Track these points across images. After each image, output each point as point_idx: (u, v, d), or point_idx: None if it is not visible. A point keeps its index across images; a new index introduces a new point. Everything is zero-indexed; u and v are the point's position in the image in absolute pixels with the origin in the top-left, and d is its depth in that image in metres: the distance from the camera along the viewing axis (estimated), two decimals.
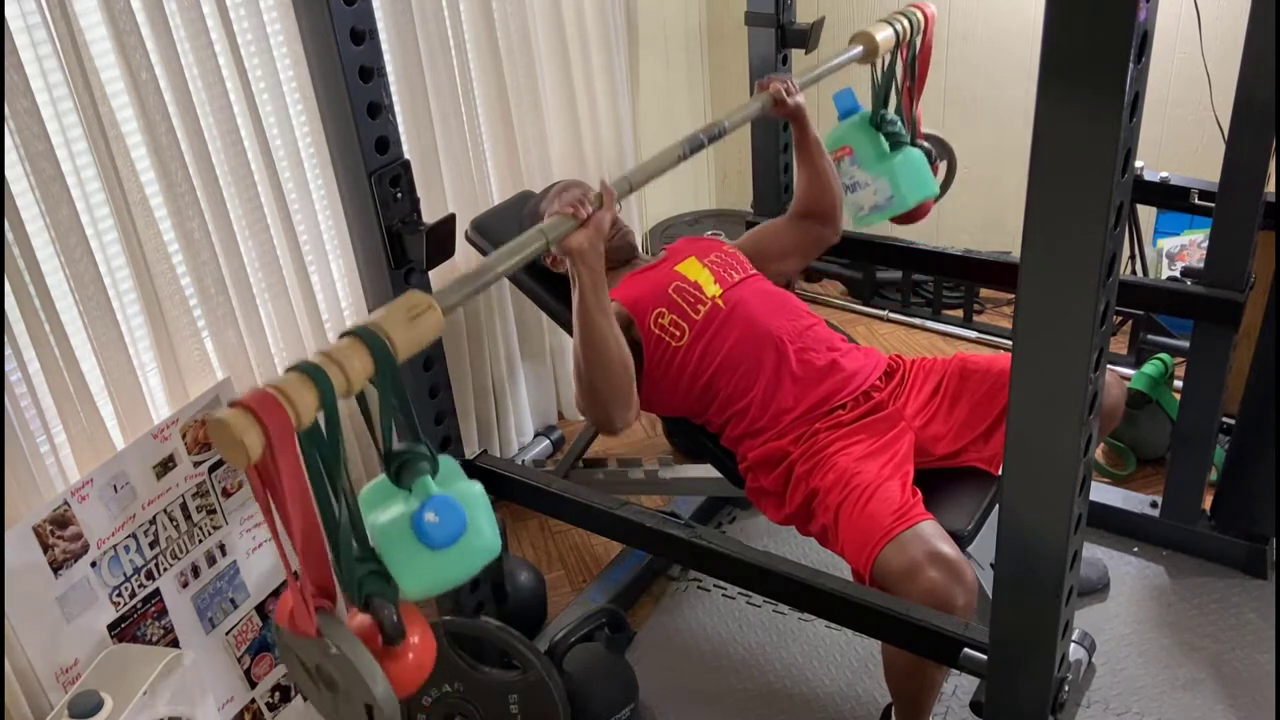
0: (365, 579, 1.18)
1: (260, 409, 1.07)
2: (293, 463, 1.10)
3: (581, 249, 1.65)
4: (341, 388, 1.15)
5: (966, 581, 1.57)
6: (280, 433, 1.07)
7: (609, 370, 1.76)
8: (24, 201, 1.66)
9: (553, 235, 1.57)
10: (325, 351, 1.16)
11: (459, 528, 1.20)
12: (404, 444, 1.25)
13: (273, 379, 1.11)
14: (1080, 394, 1.06)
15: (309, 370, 1.12)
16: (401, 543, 1.19)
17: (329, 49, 1.44)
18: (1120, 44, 0.90)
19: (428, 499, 1.20)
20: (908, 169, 2.17)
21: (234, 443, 1.05)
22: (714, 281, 1.99)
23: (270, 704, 2.05)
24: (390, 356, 1.19)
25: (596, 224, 1.64)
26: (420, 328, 1.23)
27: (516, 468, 2.36)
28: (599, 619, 2.11)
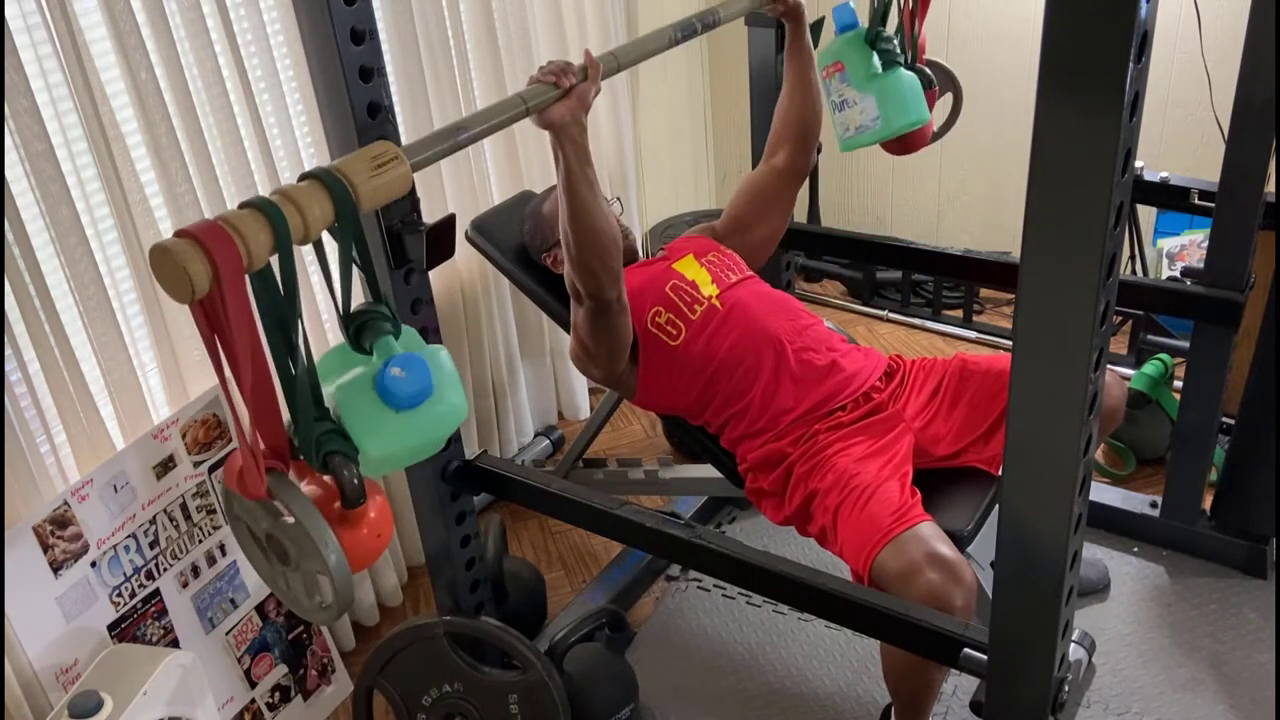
0: (324, 437, 1.10)
1: (208, 240, 0.98)
2: (241, 302, 1.01)
3: (564, 121, 1.56)
4: (298, 231, 1.06)
5: (965, 582, 1.57)
6: (229, 268, 0.99)
7: (599, 243, 1.71)
8: (24, 201, 1.66)
9: (532, 103, 1.48)
10: (282, 190, 1.07)
11: (425, 384, 1.13)
12: (363, 304, 1.18)
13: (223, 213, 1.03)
14: (1080, 394, 1.06)
15: (263, 206, 1.04)
16: (363, 403, 1.12)
17: (329, 49, 1.44)
18: (1120, 44, 0.90)
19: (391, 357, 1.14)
20: (896, 90, 2.09)
21: (177, 272, 0.97)
22: (711, 281, 1.99)
23: (270, 704, 2.06)
24: (353, 203, 1.11)
25: (579, 95, 1.55)
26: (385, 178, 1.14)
27: (516, 468, 2.36)
28: (599, 619, 2.11)
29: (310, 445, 1.10)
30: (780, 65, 2.38)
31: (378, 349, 1.16)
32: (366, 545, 1.13)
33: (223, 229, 1.00)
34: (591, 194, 1.67)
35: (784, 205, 2.19)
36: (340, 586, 1.08)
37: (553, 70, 1.54)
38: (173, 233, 1.00)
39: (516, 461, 2.81)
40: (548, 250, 2.16)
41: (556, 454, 2.92)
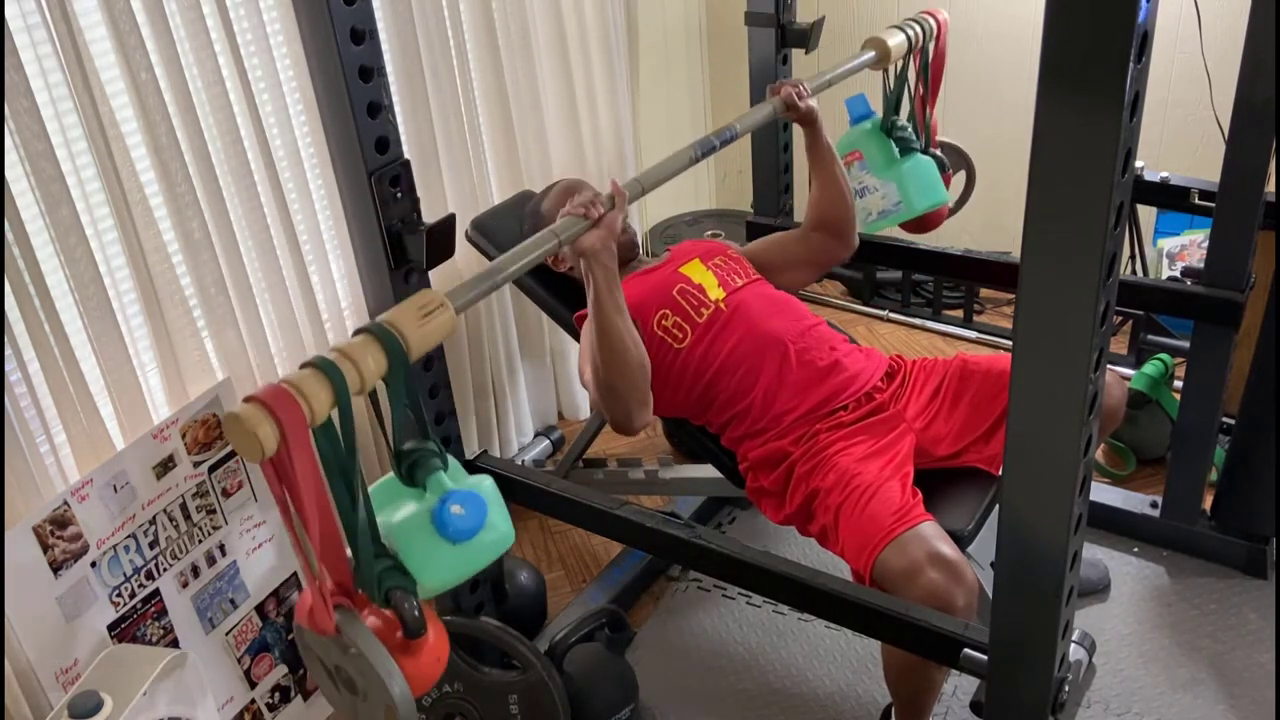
0: (385, 573, 1.18)
1: (274, 404, 1.07)
2: (308, 458, 1.09)
3: (595, 249, 1.65)
4: (355, 385, 1.15)
5: (967, 582, 1.57)
6: (295, 428, 1.07)
7: (627, 369, 1.75)
8: (24, 201, 1.66)
9: (565, 236, 1.57)
10: (339, 348, 1.16)
11: (481, 520, 1.22)
12: (414, 442, 1.25)
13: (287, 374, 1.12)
14: (1080, 394, 1.06)
15: (323, 366, 1.13)
16: (420, 537, 1.20)
17: (329, 49, 1.44)
18: (1120, 44, 0.90)
19: (447, 493, 1.21)
20: (916, 175, 2.17)
21: (248, 437, 1.05)
22: (718, 285, 1.99)
23: (270, 704, 2.05)
24: (404, 354, 1.19)
25: (609, 224, 1.63)
26: (432, 326, 1.23)
27: (516, 468, 2.36)
28: (599, 619, 2.11)
29: (372, 582, 1.18)
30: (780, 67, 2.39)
31: (431, 485, 1.24)
32: (428, 670, 1.21)
33: (288, 392, 1.09)
34: (620, 317, 1.73)
35: (811, 272, 2.22)
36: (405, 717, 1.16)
37: (582, 203, 1.61)
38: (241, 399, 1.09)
39: (516, 461, 2.81)
40: None
41: (556, 454, 2.92)
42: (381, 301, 1.68)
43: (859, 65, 2.09)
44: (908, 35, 2.12)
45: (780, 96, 1.99)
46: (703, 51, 3.55)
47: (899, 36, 2.11)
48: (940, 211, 2.25)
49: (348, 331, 2.27)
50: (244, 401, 1.07)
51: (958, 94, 3.23)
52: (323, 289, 2.21)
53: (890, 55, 2.10)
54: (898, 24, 2.14)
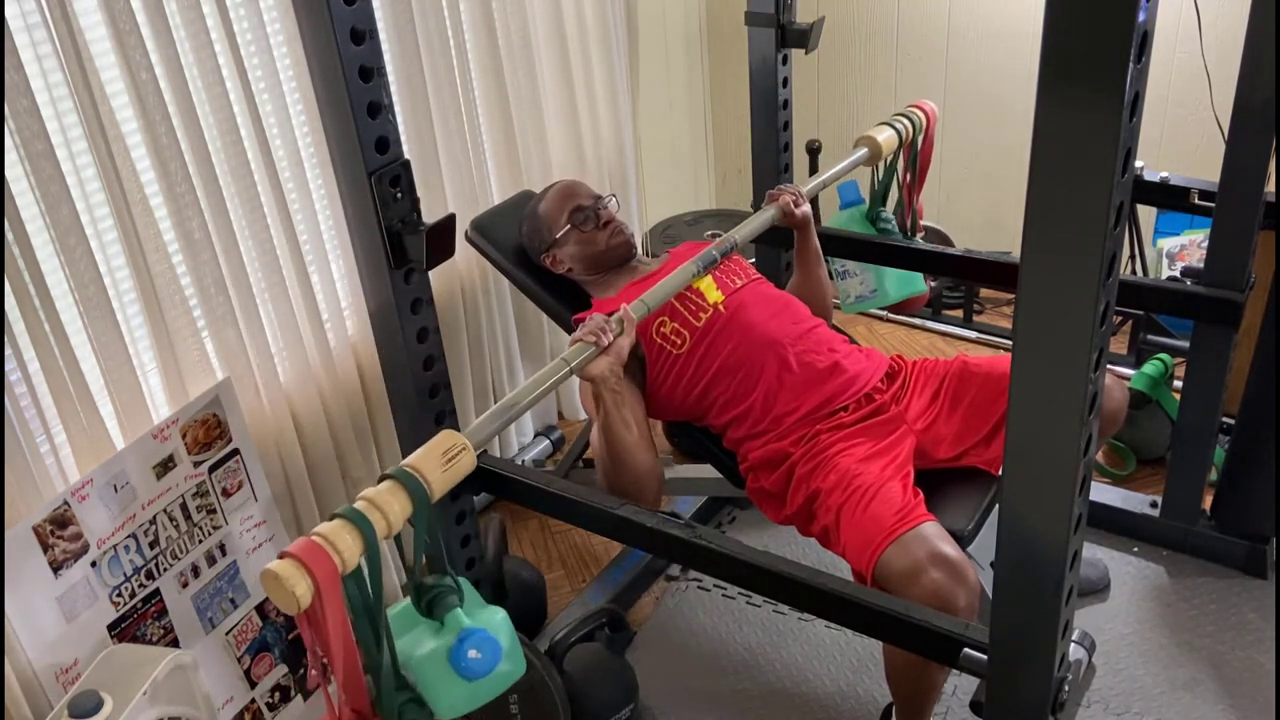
0: (404, 706, 1.27)
1: (308, 559, 1.14)
2: (338, 608, 1.18)
3: (604, 375, 1.70)
4: (382, 531, 1.22)
5: (969, 582, 1.57)
6: (327, 580, 1.15)
7: (636, 479, 1.81)
8: (24, 201, 1.66)
9: (575, 364, 1.63)
10: (367, 496, 1.24)
11: (496, 661, 1.31)
12: (434, 578, 1.33)
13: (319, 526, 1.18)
14: (1080, 394, 1.06)
15: (353, 518, 1.20)
16: (438, 674, 1.29)
17: (329, 49, 1.44)
18: (1120, 44, 0.90)
19: (464, 633, 1.29)
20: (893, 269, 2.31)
21: (286, 593, 1.13)
22: (716, 288, 1.99)
23: (270, 704, 2.05)
24: (427, 499, 1.27)
25: (617, 351, 1.69)
26: (455, 468, 1.32)
27: (516, 468, 2.36)
28: (599, 619, 2.11)
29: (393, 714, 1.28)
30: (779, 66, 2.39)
31: (448, 622, 1.32)
32: None
33: (321, 548, 1.16)
34: (630, 435, 1.79)
35: None
36: None
37: (591, 330, 1.66)
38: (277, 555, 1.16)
39: (516, 461, 2.81)
40: (546, 251, 2.16)
41: (556, 454, 2.92)
42: (381, 301, 1.68)
43: (852, 164, 2.22)
44: (898, 131, 2.24)
45: (778, 204, 2.06)
46: (703, 51, 3.55)
47: (889, 132, 2.23)
48: (919, 298, 2.39)
49: (348, 331, 2.27)
50: (280, 557, 1.15)
51: (958, 94, 3.23)
52: (323, 289, 2.21)
53: (882, 153, 2.22)
54: (887, 120, 2.25)
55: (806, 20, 2.36)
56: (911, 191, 2.34)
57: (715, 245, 1.91)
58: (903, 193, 2.34)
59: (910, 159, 2.31)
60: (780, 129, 2.46)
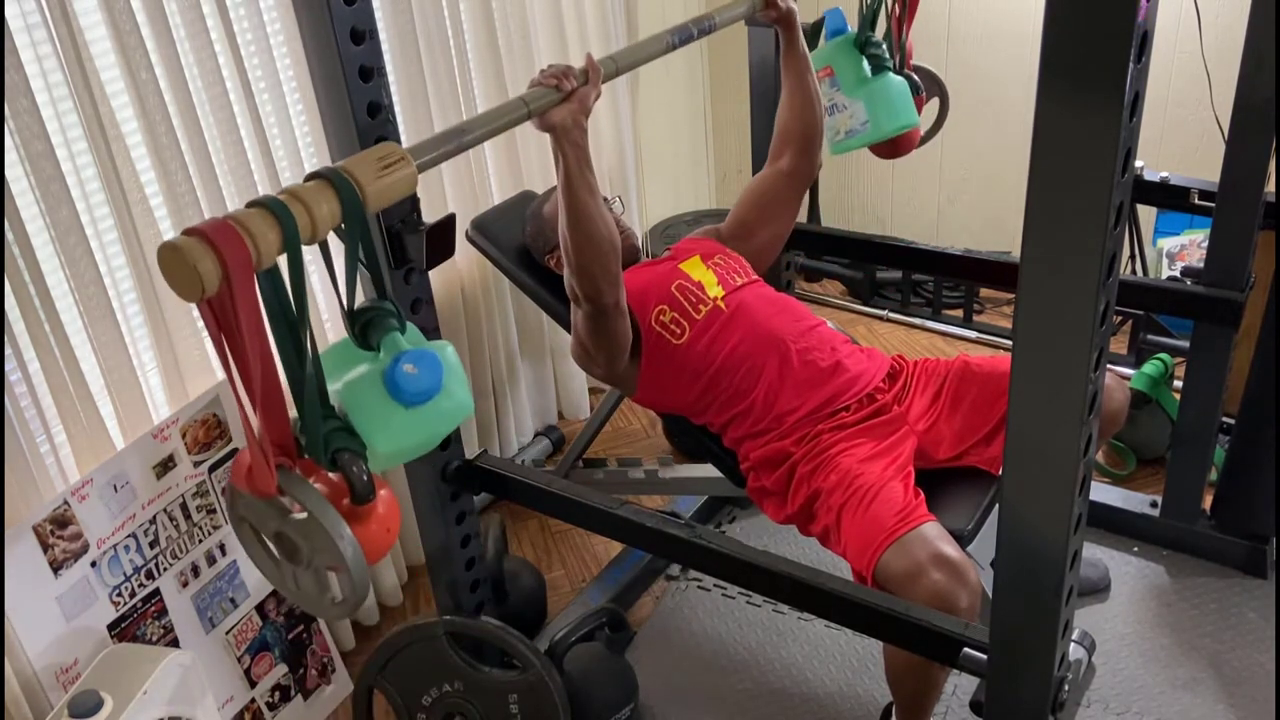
0: (331, 434, 1.10)
1: (217, 238, 0.98)
2: (251, 301, 1.02)
3: (565, 124, 1.57)
4: (306, 230, 1.06)
5: (970, 583, 1.57)
6: (239, 267, 0.99)
7: (598, 248, 1.72)
8: (24, 201, 1.66)
9: (534, 105, 1.50)
10: (290, 189, 1.08)
11: (435, 381, 1.14)
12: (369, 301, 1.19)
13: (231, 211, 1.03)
14: (1080, 394, 1.06)
15: (272, 205, 1.04)
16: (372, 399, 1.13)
17: (329, 49, 1.44)
18: (1120, 44, 0.90)
19: (401, 353, 1.14)
20: (885, 94, 2.13)
21: (186, 270, 0.96)
22: (717, 283, 1.99)
23: (270, 704, 2.06)
24: (360, 203, 1.11)
25: (580, 99, 1.56)
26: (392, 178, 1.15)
27: (516, 468, 2.36)
28: (599, 619, 2.11)
29: (318, 443, 1.10)
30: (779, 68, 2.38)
31: (385, 345, 1.16)
32: (377, 540, 1.13)
33: (232, 227, 1.00)
34: (591, 198, 1.67)
35: (789, 209, 2.18)
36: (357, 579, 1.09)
37: (554, 73, 1.55)
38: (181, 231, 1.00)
39: (516, 461, 2.81)
40: (550, 251, 2.16)
41: (556, 454, 2.92)
42: None
43: None
44: None
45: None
46: (703, 51, 3.55)
47: None
48: (911, 136, 2.20)
49: None
50: (184, 233, 0.99)
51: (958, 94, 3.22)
52: (322, 288, 2.21)
53: None
54: None
55: (807, 20, 2.36)
56: (901, 25, 2.18)
57: (692, 21, 1.78)
58: (890, 24, 2.17)
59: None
60: None
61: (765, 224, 2.16)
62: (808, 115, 2.08)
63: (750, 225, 2.15)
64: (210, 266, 0.98)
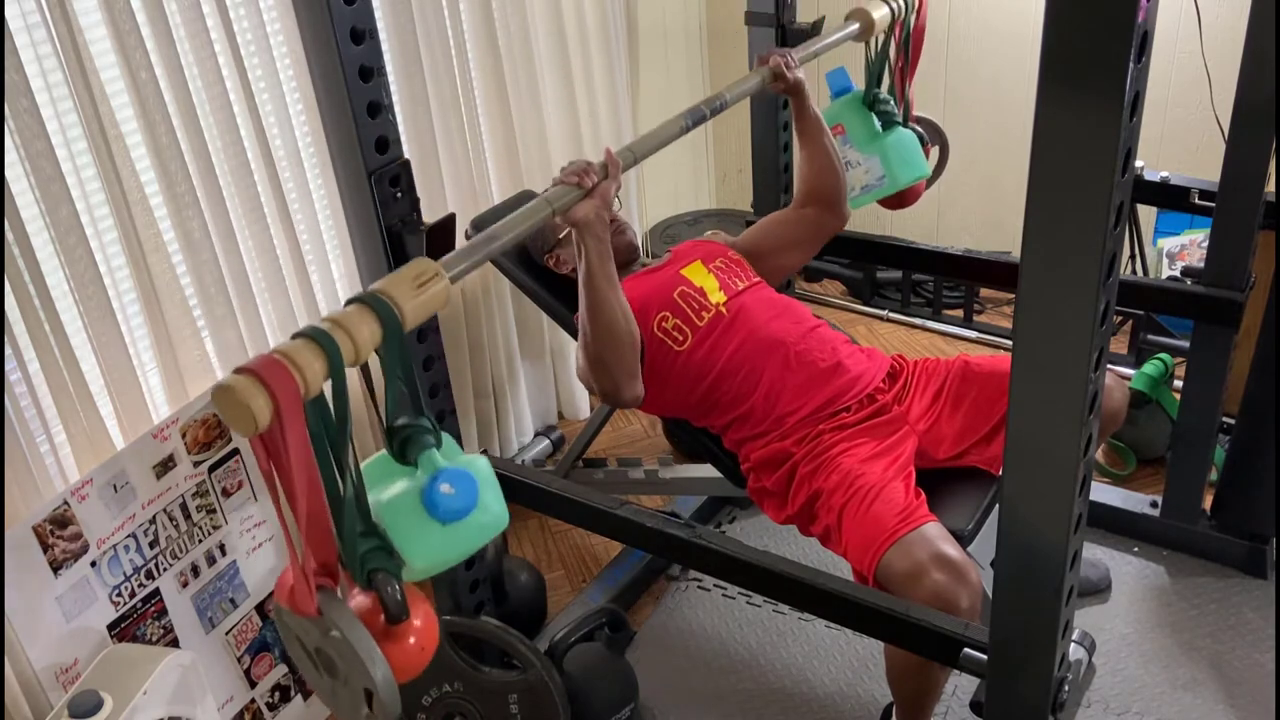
0: (369, 554, 1.14)
1: (268, 375, 1.02)
2: (300, 432, 1.05)
3: (587, 219, 1.63)
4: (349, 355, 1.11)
5: (971, 583, 1.57)
6: (288, 401, 1.03)
7: (616, 343, 1.75)
8: (24, 201, 1.66)
9: (558, 204, 1.55)
10: (332, 317, 1.12)
11: (472, 500, 1.17)
12: (406, 418, 1.21)
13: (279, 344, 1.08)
14: (1080, 394, 1.06)
15: (317, 336, 1.08)
16: (409, 517, 1.16)
17: (329, 49, 1.44)
18: (1120, 44, 0.90)
19: (438, 472, 1.17)
20: (899, 149, 2.17)
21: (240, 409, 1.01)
22: (719, 288, 1.99)
23: (270, 704, 2.06)
24: (399, 325, 1.15)
25: (602, 194, 1.61)
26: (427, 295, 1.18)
27: (516, 468, 2.36)
28: (599, 619, 2.11)
29: (355, 562, 1.14)
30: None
31: (422, 463, 1.19)
32: (411, 658, 1.16)
33: (280, 362, 1.04)
34: (611, 289, 1.71)
35: (808, 250, 2.21)
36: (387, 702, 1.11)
37: (574, 171, 1.59)
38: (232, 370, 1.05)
39: (516, 461, 2.81)
40: (549, 251, 2.16)
41: (556, 454, 2.92)
42: None
43: (844, 36, 2.10)
44: (891, 7, 2.13)
45: (769, 66, 1.98)
46: (703, 51, 3.55)
47: (883, 9, 2.12)
48: (919, 186, 2.24)
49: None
50: (235, 372, 1.03)
51: (958, 94, 3.23)
52: (323, 289, 2.21)
53: (874, 27, 2.10)
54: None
55: (806, 20, 2.36)
56: (904, 77, 2.22)
57: (704, 102, 1.80)
58: (894, 78, 2.22)
59: (903, 40, 2.19)
60: (780, 129, 2.46)
61: (779, 256, 2.17)
62: (830, 175, 2.09)
63: (764, 253, 2.16)
64: (262, 404, 1.02)
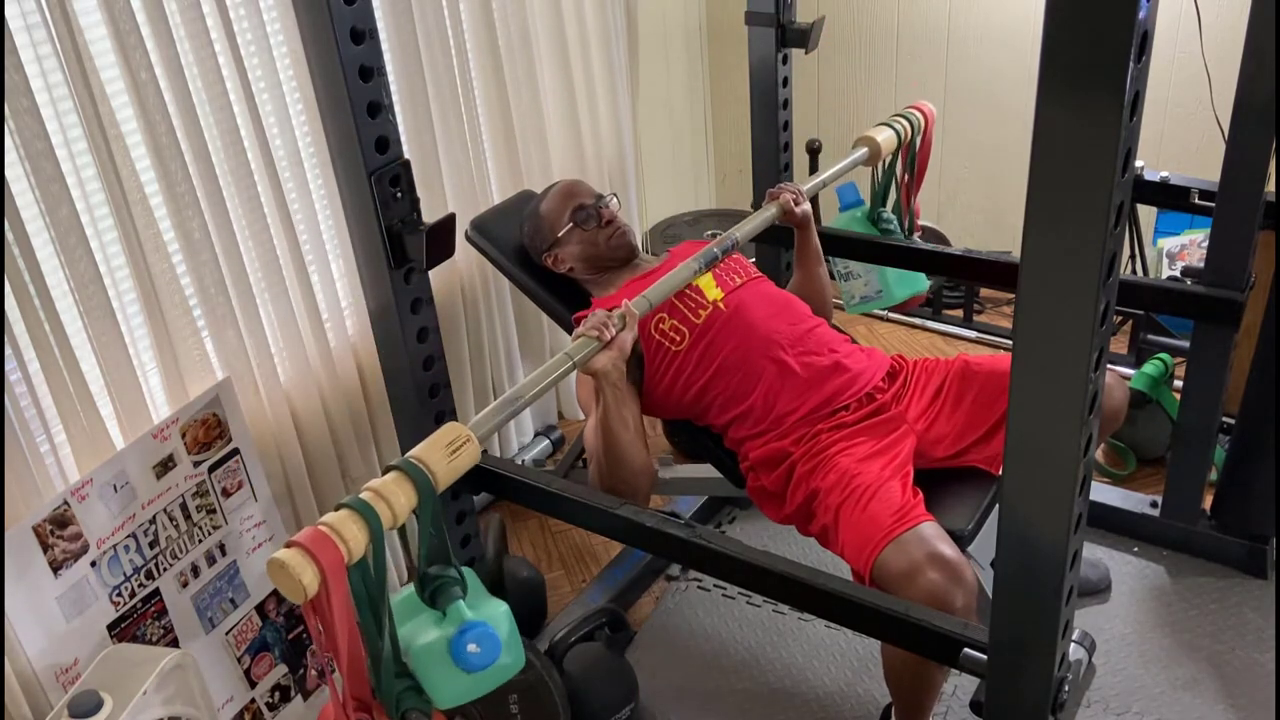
0: (403, 694, 1.29)
1: (315, 548, 1.16)
2: (344, 596, 1.19)
3: (606, 371, 1.71)
4: (388, 522, 1.24)
5: (966, 583, 1.57)
6: (334, 569, 1.17)
7: (629, 476, 1.81)
8: (24, 201, 1.66)
9: (578, 358, 1.64)
10: (373, 488, 1.25)
11: (495, 655, 1.32)
12: (438, 569, 1.35)
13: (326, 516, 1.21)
14: (1080, 394, 1.06)
15: (359, 507, 1.21)
16: (438, 665, 1.30)
17: (329, 49, 1.44)
18: (1120, 44, 0.90)
19: (465, 626, 1.30)
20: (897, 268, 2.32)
21: (293, 582, 1.14)
22: (715, 285, 1.99)
23: (270, 704, 2.05)
24: (433, 491, 1.29)
25: (619, 346, 1.70)
26: (459, 459, 1.32)
27: (516, 468, 2.36)
28: (599, 619, 2.11)
29: (391, 702, 1.29)
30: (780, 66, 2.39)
31: (450, 613, 1.32)
32: None
33: (327, 536, 1.18)
34: (627, 433, 1.79)
35: None
36: None
37: (594, 325, 1.68)
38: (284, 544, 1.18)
39: (516, 461, 2.81)
40: (548, 250, 2.16)
41: (556, 454, 2.92)
42: (381, 301, 1.68)
43: (852, 164, 2.24)
44: (897, 131, 2.26)
45: (779, 202, 2.08)
46: (703, 51, 3.55)
47: (888, 133, 2.25)
48: (920, 296, 2.41)
49: (348, 331, 2.27)
50: (286, 546, 1.16)
51: (958, 94, 3.23)
52: (323, 289, 2.21)
53: (881, 153, 2.24)
54: (886, 120, 2.27)
55: (806, 20, 2.36)
56: (909, 192, 2.36)
57: (716, 243, 1.93)
58: (900, 193, 2.36)
59: (909, 160, 2.33)
60: (780, 129, 2.46)
61: None
62: (818, 303, 2.16)
63: None
64: (311, 577, 1.16)
